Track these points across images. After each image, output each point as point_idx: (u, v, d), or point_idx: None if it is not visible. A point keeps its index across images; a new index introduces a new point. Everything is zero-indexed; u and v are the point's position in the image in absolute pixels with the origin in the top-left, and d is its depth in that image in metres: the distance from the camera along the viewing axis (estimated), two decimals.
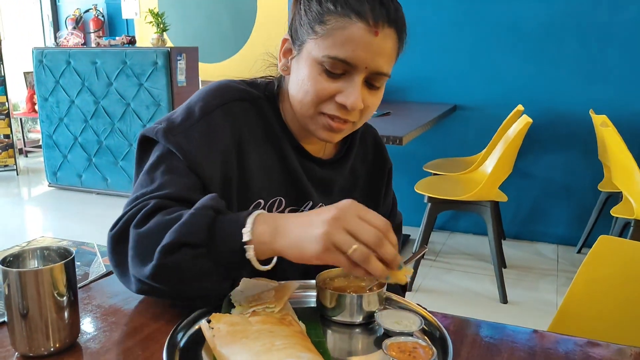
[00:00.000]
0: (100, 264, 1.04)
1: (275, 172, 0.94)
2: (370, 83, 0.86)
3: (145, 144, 0.90)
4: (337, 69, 0.84)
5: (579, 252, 3.41)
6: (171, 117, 0.89)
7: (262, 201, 0.93)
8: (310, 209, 0.97)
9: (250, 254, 0.71)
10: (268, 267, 0.74)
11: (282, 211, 0.96)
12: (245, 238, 0.71)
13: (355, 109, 0.85)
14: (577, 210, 3.48)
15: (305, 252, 0.68)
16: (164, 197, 0.80)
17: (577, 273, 1.10)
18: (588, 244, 3.35)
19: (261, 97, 0.94)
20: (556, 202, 3.54)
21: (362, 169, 1.06)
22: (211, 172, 0.86)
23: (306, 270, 0.84)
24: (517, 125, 2.68)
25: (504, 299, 2.75)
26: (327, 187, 0.99)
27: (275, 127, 0.94)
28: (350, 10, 0.82)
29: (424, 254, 0.94)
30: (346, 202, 0.70)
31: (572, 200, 3.50)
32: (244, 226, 0.71)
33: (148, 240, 0.74)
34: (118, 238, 0.78)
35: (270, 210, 0.94)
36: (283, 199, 0.95)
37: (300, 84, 0.87)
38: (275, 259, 0.74)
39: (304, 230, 0.69)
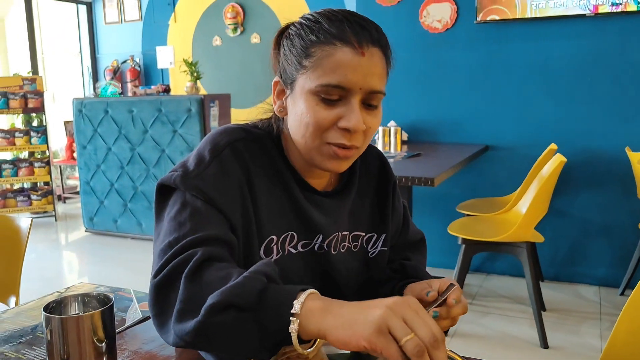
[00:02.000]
0: (137, 309, 1.05)
1: (283, 207, 0.94)
2: (367, 104, 0.87)
3: (164, 192, 0.91)
4: (332, 96, 0.85)
5: (622, 294, 3.29)
6: (185, 164, 0.90)
7: (274, 237, 0.92)
8: (322, 242, 0.96)
9: (294, 327, 0.67)
10: (307, 349, 0.70)
11: (295, 246, 0.94)
12: (295, 310, 0.68)
13: (358, 130, 0.85)
14: (618, 251, 3.38)
15: (355, 332, 0.64)
16: (203, 240, 0.79)
17: (619, 319, 1.06)
18: (631, 285, 3.23)
19: (264, 135, 0.96)
20: (596, 242, 3.45)
21: (369, 190, 1.05)
22: (232, 207, 0.86)
23: None
24: (551, 164, 2.64)
25: (544, 344, 2.65)
26: (336, 217, 0.99)
27: (279, 162, 0.95)
28: (333, 37, 0.84)
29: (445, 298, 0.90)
30: (406, 297, 0.67)
31: (612, 240, 3.40)
32: (295, 298, 0.69)
33: (201, 295, 0.72)
34: (162, 286, 0.76)
35: (282, 246, 0.93)
36: (295, 234, 0.94)
37: (300, 118, 0.88)
38: (317, 343, 0.70)
39: (359, 312, 0.66)
